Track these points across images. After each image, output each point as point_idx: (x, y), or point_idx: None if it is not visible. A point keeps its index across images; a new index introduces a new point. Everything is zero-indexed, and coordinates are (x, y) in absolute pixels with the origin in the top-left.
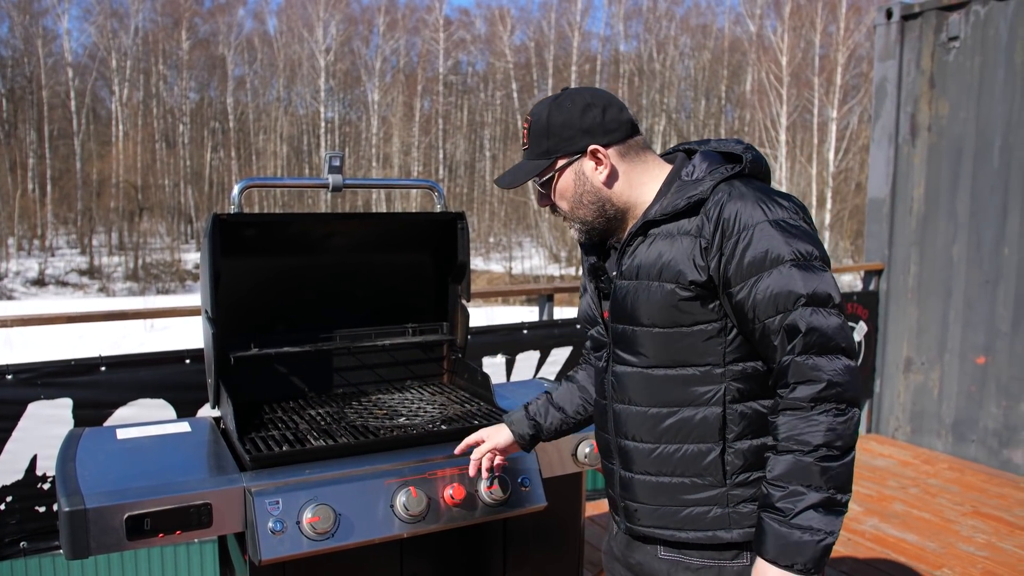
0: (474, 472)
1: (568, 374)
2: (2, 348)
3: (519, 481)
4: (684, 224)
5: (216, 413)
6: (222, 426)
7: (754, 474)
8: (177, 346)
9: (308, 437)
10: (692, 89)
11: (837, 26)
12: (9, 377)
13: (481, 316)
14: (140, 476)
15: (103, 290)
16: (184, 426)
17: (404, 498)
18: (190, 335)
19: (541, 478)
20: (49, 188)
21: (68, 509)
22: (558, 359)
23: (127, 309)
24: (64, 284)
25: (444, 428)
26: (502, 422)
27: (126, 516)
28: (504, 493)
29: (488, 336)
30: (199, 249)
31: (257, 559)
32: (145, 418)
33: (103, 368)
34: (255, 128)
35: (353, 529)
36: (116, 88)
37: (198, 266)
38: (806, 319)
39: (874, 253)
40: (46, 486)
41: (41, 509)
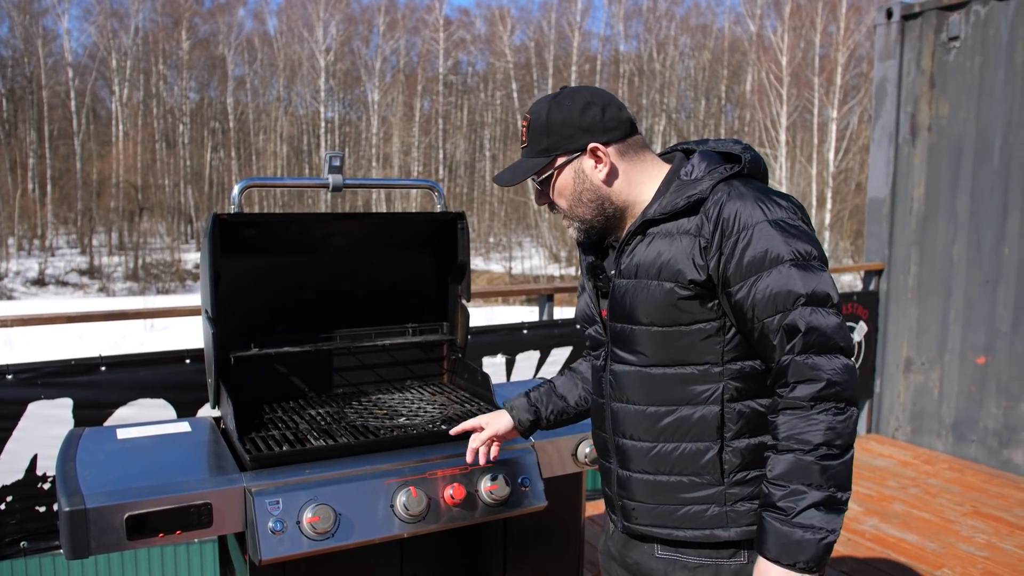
0: (471, 459)
1: (571, 366)
2: (2, 348)
3: (519, 481)
4: (683, 223)
5: (216, 413)
6: (222, 426)
7: (751, 473)
8: (177, 346)
9: (308, 437)
10: (692, 89)
11: (837, 26)
12: (9, 377)
13: (481, 316)
14: (140, 476)
15: (103, 290)
16: (184, 426)
17: (404, 498)
18: (190, 335)
19: (541, 478)
20: (49, 188)
21: (68, 509)
22: (558, 359)
23: (127, 309)
24: (64, 284)
25: (444, 428)
26: (502, 408)
27: (126, 516)
28: (505, 492)
29: (488, 336)
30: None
31: (257, 559)
32: (145, 418)
33: (103, 368)
34: (255, 128)
35: (353, 529)
36: (116, 88)
37: (198, 266)
38: (805, 318)
39: (874, 253)
40: (46, 486)
41: (41, 509)
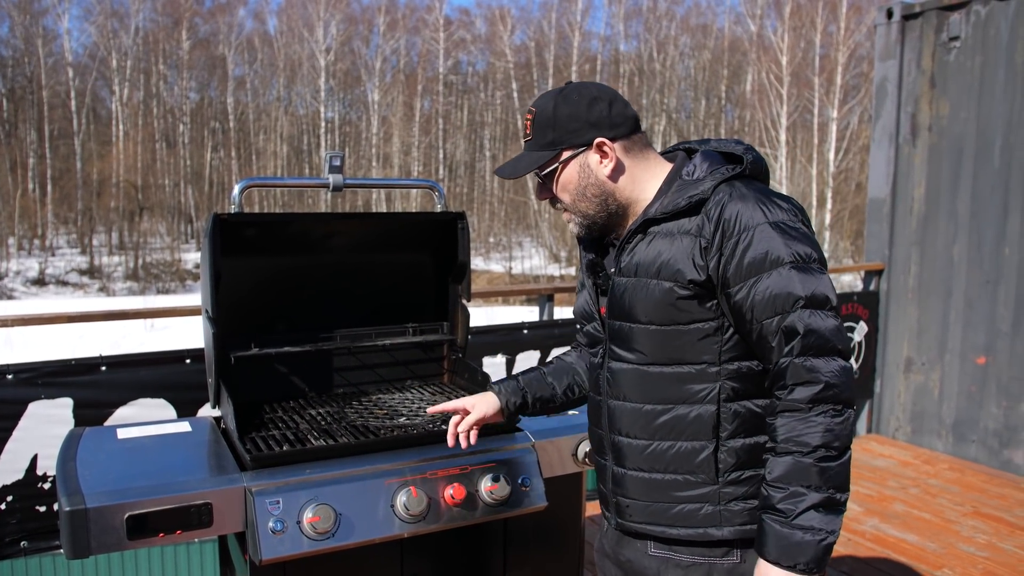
0: (452, 443)
1: (560, 355)
2: (2, 348)
3: (519, 481)
4: (684, 223)
5: (216, 413)
6: (222, 426)
7: (746, 472)
8: (177, 346)
9: (308, 437)
10: (692, 89)
11: (837, 26)
12: (9, 377)
13: (481, 316)
14: (141, 476)
15: (103, 290)
16: (184, 426)
17: (404, 498)
18: (190, 335)
19: (541, 478)
20: (49, 188)
21: (69, 509)
22: None
23: (127, 309)
24: (64, 284)
25: (444, 428)
26: (488, 391)
27: (127, 516)
28: (505, 492)
29: (488, 336)
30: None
31: (257, 559)
32: (145, 418)
33: (103, 368)
34: (255, 128)
35: (353, 529)
36: (116, 88)
37: (198, 266)
38: (804, 321)
39: (874, 253)
40: (46, 486)
41: (41, 509)
